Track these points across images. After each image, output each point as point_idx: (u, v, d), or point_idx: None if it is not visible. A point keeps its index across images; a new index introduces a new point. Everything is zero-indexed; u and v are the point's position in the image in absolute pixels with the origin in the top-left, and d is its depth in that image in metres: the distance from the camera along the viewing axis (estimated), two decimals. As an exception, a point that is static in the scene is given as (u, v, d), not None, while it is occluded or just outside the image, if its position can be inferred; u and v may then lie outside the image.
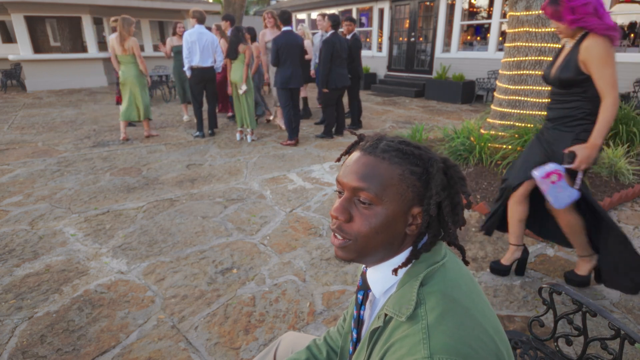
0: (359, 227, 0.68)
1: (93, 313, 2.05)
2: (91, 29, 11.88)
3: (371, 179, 0.67)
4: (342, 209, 0.69)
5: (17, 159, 4.76)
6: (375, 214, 0.67)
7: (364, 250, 0.70)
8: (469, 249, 2.69)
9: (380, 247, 0.70)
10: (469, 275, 0.72)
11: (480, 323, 0.63)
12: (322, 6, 13.19)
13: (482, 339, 0.60)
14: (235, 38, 5.18)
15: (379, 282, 0.75)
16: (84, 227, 3.02)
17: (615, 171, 3.66)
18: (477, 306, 0.65)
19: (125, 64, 5.31)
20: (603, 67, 1.78)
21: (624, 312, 2.05)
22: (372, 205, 0.67)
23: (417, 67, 10.85)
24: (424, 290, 0.66)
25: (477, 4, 11.77)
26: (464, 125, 4.42)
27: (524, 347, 1.29)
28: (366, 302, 0.82)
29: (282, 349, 1.09)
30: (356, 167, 0.69)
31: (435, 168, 0.68)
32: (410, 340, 0.61)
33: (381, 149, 0.69)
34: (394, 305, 0.68)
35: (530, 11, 3.97)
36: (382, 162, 0.67)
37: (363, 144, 0.72)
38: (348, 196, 0.70)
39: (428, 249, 0.70)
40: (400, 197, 0.67)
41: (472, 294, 0.67)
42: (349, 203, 0.70)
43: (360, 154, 0.71)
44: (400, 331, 0.64)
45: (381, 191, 0.66)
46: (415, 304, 0.64)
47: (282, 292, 2.23)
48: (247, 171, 4.31)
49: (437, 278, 0.68)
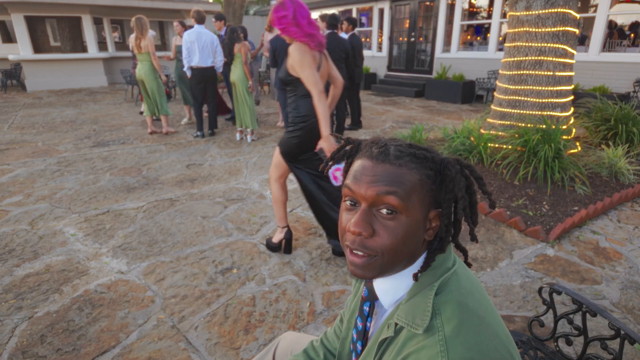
0: (384, 240, 0.64)
1: (93, 313, 2.05)
2: (91, 29, 11.88)
3: (396, 186, 0.63)
4: (364, 223, 0.64)
5: (17, 159, 4.76)
6: (400, 224, 0.63)
7: (390, 264, 0.66)
8: (469, 249, 2.69)
9: (405, 258, 0.67)
10: (476, 280, 0.72)
11: (496, 332, 0.62)
12: (322, 6, 13.19)
13: (498, 348, 0.60)
14: (230, 39, 5.18)
15: (389, 293, 0.73)
16: (84, 227, 3.02)
17: (615, 171, 3.66)
18: (491, 314, 0.64)
19: (142, 61, 5.67)
20: (301, 69, 2.06)
21: (624, 312, 2.05)
22: (396, 214, 0.63)
23: (417, 67, 10.85)
24: (439, 299, 0.64)
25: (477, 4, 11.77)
26: (464, 125, 4.41)
27: (524, 347, 1.29)
28: (373, 314, 0.80)
29: (281, 349, 1.09)
30: (374, 175, 0.64)
31: (453, 170, 0.66)
32: (427, 353, 0.59)
33: (393, 155, 0.65)
34: (407, 314, 0.65)
35: (530, 11, 3.97)
36: (400, 169, 0.64)
37: (369, 152, 0.68)
38: (366, 208, 0.65)
39: (444, 249, 0.68)
40: (421, 202, 0.65)
41: (483, 301, 0.66)
42: (369, 216, 0.65)
43: (372, 162, 0.66)
44: (414, 342, 0.62)
45: (407, 198, 0.63)
46: (430, 314, 0.62)
47: (282, 292, 2.23)
48: (247, 171, 4.31)
49: (451, 286, 0.66)
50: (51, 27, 14.55)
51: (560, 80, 4.03)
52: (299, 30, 2.04)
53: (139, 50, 5.55)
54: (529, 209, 3.11)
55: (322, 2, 12.79)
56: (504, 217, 2.99)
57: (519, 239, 2.79)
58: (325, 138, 2.12)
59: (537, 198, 3.26)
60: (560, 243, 2.74)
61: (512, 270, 2.42)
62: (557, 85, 4.03)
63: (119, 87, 11.74)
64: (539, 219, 2.99)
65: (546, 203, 3.19)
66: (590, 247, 2.69)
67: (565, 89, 4.10)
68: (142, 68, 5.67)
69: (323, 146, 2.16)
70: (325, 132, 2.10)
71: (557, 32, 3.91)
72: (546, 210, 3.10)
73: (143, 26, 5.47)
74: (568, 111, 4.23)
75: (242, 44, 5.17)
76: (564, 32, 3.93)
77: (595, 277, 2.36)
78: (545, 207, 3.14)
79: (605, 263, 2.50)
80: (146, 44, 5.49)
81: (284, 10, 2.04)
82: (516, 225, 2.90)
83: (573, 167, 3.52)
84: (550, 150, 3.50)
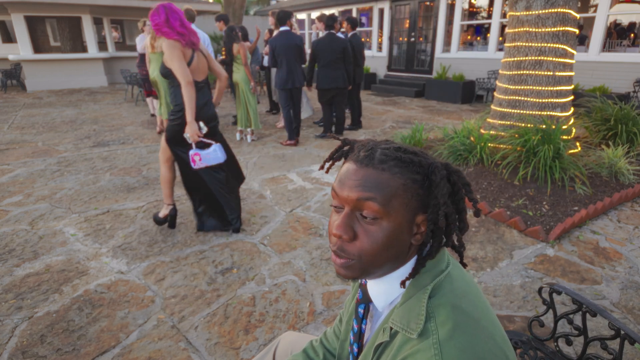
0: (363, 245, 0.64)
1: (93, 313, 2.05)
2: (91, 29, 11.88)
3: (376, 191, 0.62)
4: (346, 226, 0.65)
5: (17, 159, 4.76)
6: (381, 229, 0.63)
7: (370, 268, 0.66)
8: (469, 249, 2.69)
9: (386, 263, 0.67)
10: (471, 280, 0.72)
11: (491, 334, 0.62)
12: (322, 6, 13.20)
13: (493, 350, 0.60)
14: (228, 38, 5.17)
15: (382, 295, 0.73)
16: (84, 227, 3.02)
17: (615, 171, 3.66)
18: (486, 316, 0.64)
19: (154, 62, 5.55)
20: (171, 62, 2.42)
21: (624, 312, 2.05)
22: (377, 219, 0.63)
23: (417, 67, 10.85)
24: (433, 302, 0.64)
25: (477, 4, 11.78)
26: (464, 125, 4.41)
27: (524, 347, 1.29)
28: (367, 316, 0.80)
29: (281, 349, 1.09)
30: (356, 180, 0.64)
31: (438, 176, 0.65)
32: (422, 356, 0.59)
33: (378, 159, 0.65)
34: (401, 319, 0.65)
35: (530, 11, 3.97)
36: (382, 173, 0.63)
37: (356, 155, 0.68)
38: (349, 212, 0.65)
39: (433, 255, 0.68)
40: (405, 207, 0.64)
41: (479, 303, 0.66)
42: (351, 219, 0.65)
43: (356, 166, 0.66)
44: (409, 346, 0.62)
45: (387, 203, 0.62)
46: (424, 318, 0.62)
47: (282, 292, 2.23)
48: (247, 171, 4.31)
49: (444, 289, 0.65)
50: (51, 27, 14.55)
51: (560, 80, 4.03)
52: (171, 31, 2.42)
53: (153, 50, 5.52)
54: (529, 209, 3.11)
55: (322, 2, 12.79)
56: (504, 217, 2.99)
57: (519, 239, 2.79)
58: (189, 124, 2.46)
59: (537, 198, 3.26)
60: (560, 243, 2.74)
61: (512, 270, 2.43)
62: (557, 85, 4.03)
63: (119, 87, 11.74)
64: (539, 219, 2.99)
65: (546, 203, 3.19)
66: (590, 247, 2.69)
67: (565, 89, 4.10)
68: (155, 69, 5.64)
69: (187, 131, 2.48)
70: (189, 118, 2.45)
71: (557, 32, 3.91)
72: (546, 210, 3.10)
73: None
74: (568, 111, 4.23)
75: (241, 44, 5.16)
76: (564, 32, 3.93)
77: (595, 277, 2.36)
78: (545, 207, 3.15)
79: (605, 263, 2.50)
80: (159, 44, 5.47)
81: (157, 16, 2.43)
82: (516, 225, 2.90)
83: (573, 167, 3.52)
84: (550, 150, 3.50)
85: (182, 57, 2.43)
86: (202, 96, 2.62)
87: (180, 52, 2.43)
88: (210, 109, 2.70)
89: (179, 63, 2.41)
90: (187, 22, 2.50)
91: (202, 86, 2.65)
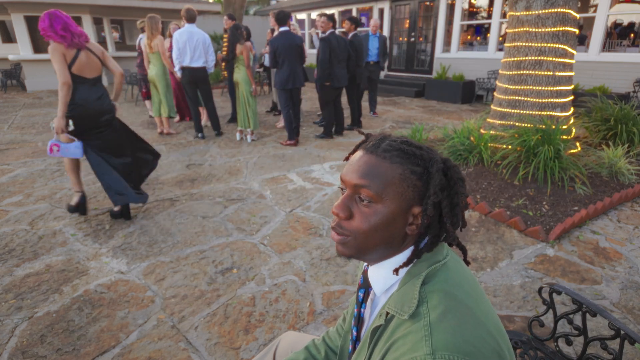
0: (358, 224, 0.70)
1: (93, 313, 2.05)
2: (91, 29, 11.88)
3: (372, 177, 0.68)
4: (344, 206, 0.71)
5: (17, 159, 4.76)
6: (375, 212, 0.68)
7: (363, 247, 0.71)
8: (469, 249, 2.69)
9: (379, 245, 0.71)
10: (470, 275, 0.73)
11: (482, 322, 0.63)
12: (322, 6, 13.20)
13: (484, 337, 0.61)
14: (233, 37, 5.16)
15: (380, 281, 0.76)
16: (84, 227, 3.02)
17: (615, 171, 3.66)
18: (479, 305, 0.65)
19: (152, 61, 5.67)
20: (53, 63, 2.68)
21: (624, 312, 2.05)
22: (372, 203, 0.68)
23: (417, 67, 10.85)
24: (426, 288, 0.66)
25: (477, 4, 11.77)
26: (464, 125, 4.41)
27: (524, 347, 1.29)
28: (367, 300, 0.82)
29: (281, 349, 1.09)
30: (358, 165, 0.70)
31: (435, 168, 0.69)
32: (412, 338, 0.61)
33: (383, 148, 0.70)
34: (396, 303, 0.68)
35: (530, 11, 3.97)
36: (383, 161, 0.69)
37: (367, 144, 0.74)
38: (350, 194, 0.71)
39: (430, 249, 0.71)
40: (400, 196, 0.68)
41: (474, 293, 0.67)
42: (350, 200, 0.71)
43: (363, 152, 0.72)
44: (402, 329, 0.64)
45: (381, 189, 0.67)
46: (417, 302, 0.65)
47: (282, 292, 2.23)
48: (247, 171, 4.31)
49: (439, 277, 0.68)
50: (51, 27, 14.53)
51: (560, 80, 4.03)
52: (55, 34, 2.67)
53: (151, 49, 5.52)
54: (529, 209, 3.11)
55: (322, 2, 12.79)
56: (504, 217, 2.99)
57: (519, 239, 2.79)
58: (58, 119, 2.73)
59: (537, 198, 3.26)
60: (560, 243, 2.74)
61: (512, 270, 2.43)
62: (557, 85, 4.03)
63: (119, 87, 11.72)
64: (539, 219, 2.99)
65: (546, 203, 3.19)
66: (590, 247, 2.69)
67: (565, 89, 4.10)
68: (153, 68, 5.65)
69: (55, 122, 2.75)
70: (59, 113, 2.72)
71: (557, 32, 3.91)
72: (546, 210, 3.10)
73: (154, 25, 5.39)
74: (568, 111, 4.23)
75: (244, 46, 5.16)
76: (564, 32, 3.93)
77: (595, 277, 2.36)
78: (545, 207, 3.15)
79: (605, 263, 2.51)
80: (156, 43, 5.44)
81: (42, 22, 2.68)
82: (516, 225, 2.90)
83: (573, 167, 3.52)
84: (550, 150, 3.50)
85: (62, 59, 2.69)
86: (95, 91, 2.88)
87: (60, 55, 2.68)
88: (103, 103, 2.93)
89: (57, 65, 2.68)
90: (73, 25, 2.75)
91: (95, 82, 2.90)
